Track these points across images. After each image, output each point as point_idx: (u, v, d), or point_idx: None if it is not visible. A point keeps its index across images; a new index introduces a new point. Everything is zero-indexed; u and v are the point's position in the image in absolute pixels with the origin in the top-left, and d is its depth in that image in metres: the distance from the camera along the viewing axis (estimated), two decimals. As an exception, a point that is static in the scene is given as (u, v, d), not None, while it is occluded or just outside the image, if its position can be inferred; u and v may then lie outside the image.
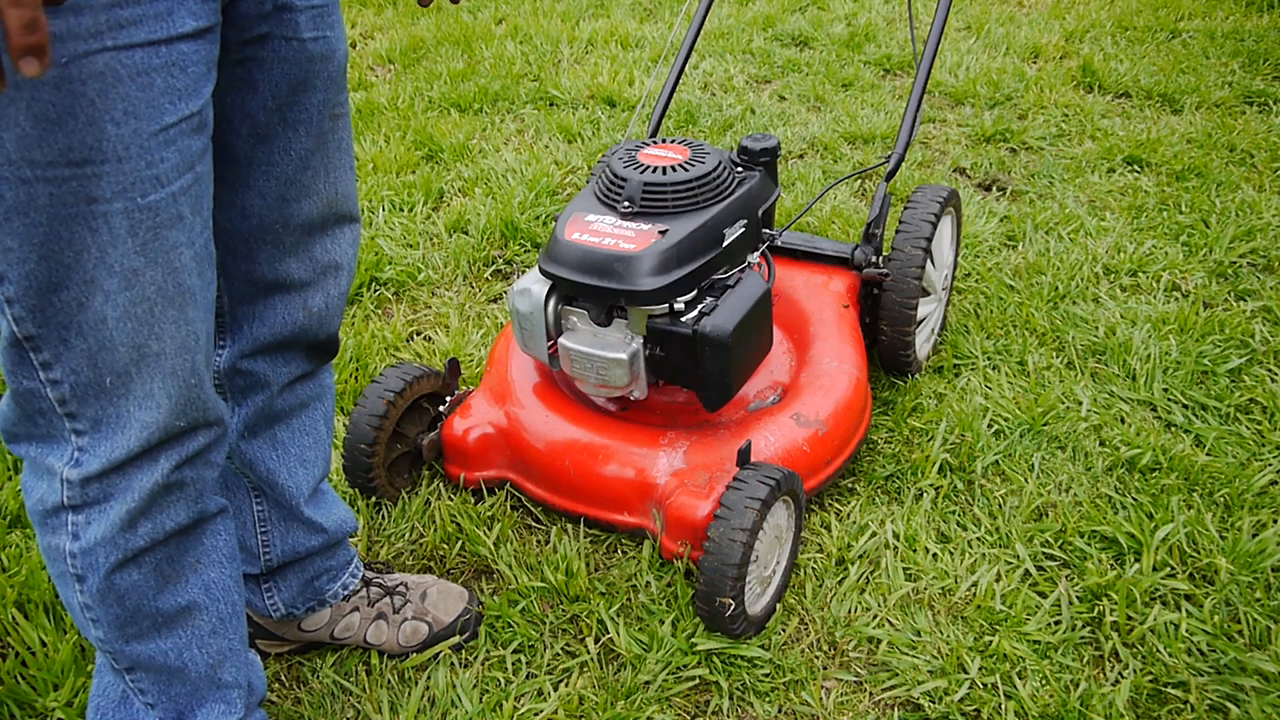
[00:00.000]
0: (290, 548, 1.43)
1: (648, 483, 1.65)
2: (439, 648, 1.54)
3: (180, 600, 1.15)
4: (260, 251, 1.20)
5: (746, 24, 4.54)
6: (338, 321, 1.32)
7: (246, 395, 1.30)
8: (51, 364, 0.98)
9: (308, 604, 1.49)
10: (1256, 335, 2.24)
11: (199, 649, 1.19)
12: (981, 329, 2.31)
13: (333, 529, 1.46)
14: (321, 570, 1.49)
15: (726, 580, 1.44)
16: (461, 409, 1.83)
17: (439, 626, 1.55)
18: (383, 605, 1.56)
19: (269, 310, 1.25)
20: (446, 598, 1.58)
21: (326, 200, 1.22)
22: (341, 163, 1.22)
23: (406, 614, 1.56)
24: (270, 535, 1.41)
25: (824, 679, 1.52)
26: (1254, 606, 1.58)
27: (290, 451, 1.37)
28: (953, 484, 1.86)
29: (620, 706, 1.46)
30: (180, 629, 1.17)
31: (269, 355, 1.28)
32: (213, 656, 1.20)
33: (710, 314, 1.56)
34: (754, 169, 1.77)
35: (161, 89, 0.92)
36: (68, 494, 1.05)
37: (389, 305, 2.51)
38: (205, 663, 1.20)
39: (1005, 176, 3.11)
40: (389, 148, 3.31)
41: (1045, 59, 4.05)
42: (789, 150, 3.33)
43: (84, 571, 1.09)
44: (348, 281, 1.30)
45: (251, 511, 1.40)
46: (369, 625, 1.54)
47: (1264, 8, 4.55)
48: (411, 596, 1.57)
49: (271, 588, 1.46)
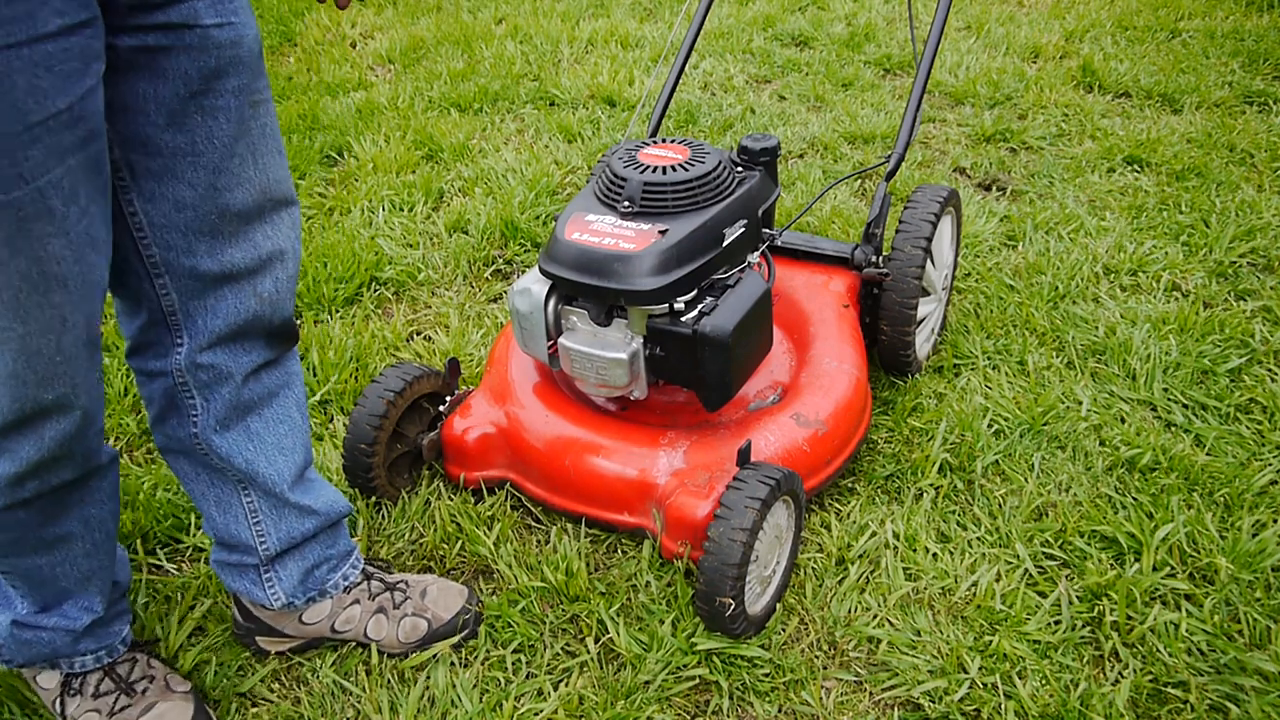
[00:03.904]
0: (286, 534, 1.45)
1: (648, 482, 1.65)
2: (438, 646, 1.55)
3: (60, 530, 1.26)
4: (200, 244, 1.22)
5: (746, 24, 4.54)
6: (290, 305, 1.34)
7: (212, 389, 1.32)
8: None
9: (309, 594, 1.51)
10: (1256, 335, 2.24)
11: (71, 566, 1.31)
12: (981, 329, 2.31)
13: (325, 510, 1.48)
14: (321, 559, 1.51)
15: (726, 580, 1.44)
16: (461, 409, 1.83)
17: (438, 624, 1.56)
18: (383, 600, 1.57)
19: (220, 302, 1.27)
20: (446, 595, 1.59)
21: (260, 187, 1.23)
22: (269, 148, 1.23)
23: (407, 610, 1.57)
24: (263, 524, 1.44)
25: (824, 679, 1.52)
26: (1254, 606, 1.58)
27: (267, 441, 1.39)
28: (953, 484, 1.86)
29: (620, 706, 1.46)
30: (57, 552, 1.28)
31: (227, 346, 1.30)
32: (83, 573, 1.32)
33: (710, 314, 1.56)
34: (754, 169, 1.77)
35: (25, 90, 0.93)
36: None
37: (389, 305, 2.51)
38: (75, 577, 1.32)
39: (1005, 176, 3.11)
40: (389, 148, 3.31)
41: (1045, 59, 4.05)
42: (789, 150, 3.33)
43: None
44: (295, 265, 1.32)
45: (241, 504, 1.42)
46: (369, 619, 1.56)
47: (1264, 8, 4.55)
48: (412, 593, 1.59)
49: (272, 576, 1.48)
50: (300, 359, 1.48)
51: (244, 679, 1.53)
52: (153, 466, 1.94)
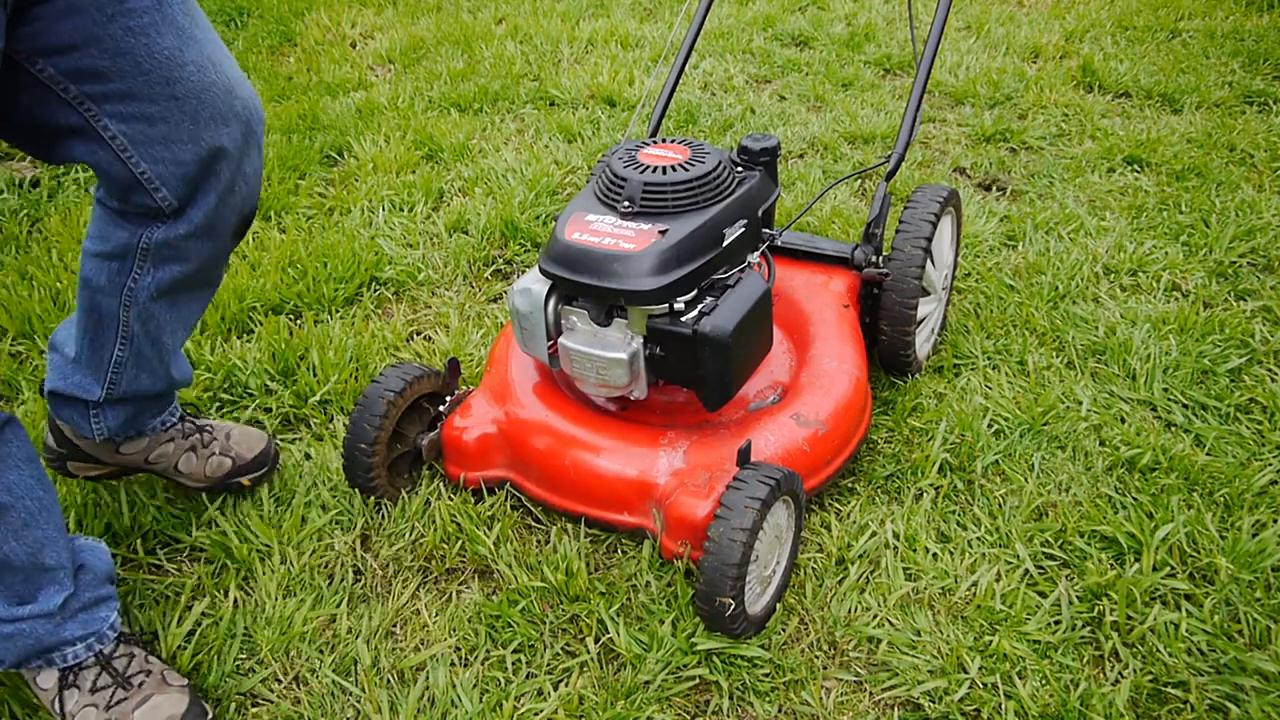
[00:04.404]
0: (133, 389, 1.62)
1: (648, 482, 1.65)
2: (242, 480, 1.79)
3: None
4: (181, 150, 1.38)
5: (746, 24, 4.54)
6: (257, 198, 1.54)
7: (169, 264, 1.50)
8: None
9: (128, 433, 1.69)
10: (1256, 335, 2.24)
11: (16, 541, 1.33)
12: (981, 329, 2.31)
13: (178, 379, 1.68)
14: (147, 409, 1.70)
15: (726, 580, 1.44)
16: (461, 409, 1.83)
17: (241, 462, 1.79)
18: (195, 440, 1.78)
19: (206, 196, 1.45)
20: (249, 438, 1.82)
21: (224, 88, 1.39)
22: (220, 52, 1.41)
23: (214, 449, 1.78)
24: (120, 376, 1.59)
25: (824, 679, 1.52)
26: (1254, 606, 1.58)
27: (180, 315, 1.59)
28: (953, 484, 1.86)
29: (620, 706, 1.46)
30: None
31: (202, 235, 1.49)
32: (30, 546, 1.35)
33: (710, 314, 1.56)
34: (754, 169, 1.77)
35: None
36: None
37: (389, 305, 2.51)
38: (25, 552, 1.35)
39: (1005, 176, 3.11)
40: (389, 148, 3.31)
41: (1045, 59, 4.05)
42: (789, 150, 3.33)
43: None
44: (261, 158, 1.52)
45: (112, 352, 1.57)
46: (180, 455, 1.76)
47: (1264, 8, 4.55)
48: (218, 435, 1.81)
49: (99, 415, 1.63)
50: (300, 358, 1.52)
51: (244, 679, 1.53)
52: (153, 466, 1.94)
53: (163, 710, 1.43)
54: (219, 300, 2.40)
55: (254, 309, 2.43)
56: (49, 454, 1.71)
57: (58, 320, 2.39)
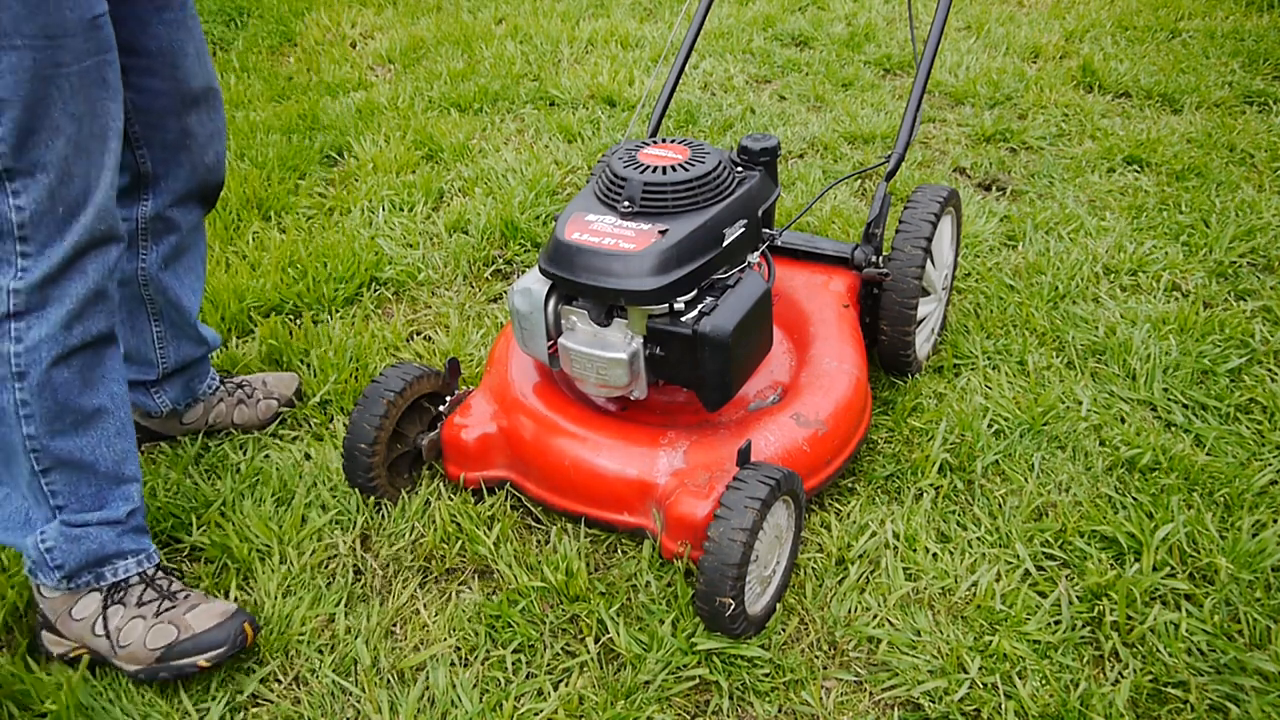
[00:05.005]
0: (179, 358, 1.92)
1: (648, 482, 1.65)
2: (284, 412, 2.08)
3: (95, 402, 1.48)
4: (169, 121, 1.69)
5: (746, 24, 4.54)
6: (224, 171, 1.82)
7: (162, 236, 1.79)
8: (21, 192, 1.34)
9: (185, 400, 1.98)
10: (1256, 335, 2.24)
11: (107, 447, 1.50)
12: (981, 329, 2.31)
13: (211, 342, 1.99)
14: (194, 375, 1.98)
15: (726, 580, 1.44)
16: (461, 409, 1.83)
17: (283, 401, 2.08)
18: (240, 394, 2.06)
19: (179, 168, 1.74)
20: (282, 381, 2.11)
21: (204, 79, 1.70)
22: (205, 50, 1.71)
23: (259, 397, 2.07)
24: (166, 349, 1.89)
25: (824, 679, 1.52)
26: (1254, 606, 1.58)
27: (191, 278, 1.88)
28: (953, 484, 1.86)
29: (620, 706, 1.46)
30: (94, 428, 1.48)
31: (182, 204, 1.78)
32: (118, 454, 1.52)
33: (710, 314, 1.56)
34: (754, 169, 1.77)
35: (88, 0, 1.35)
36: (14, 303, 1.38)
37: (389, 305, 2.51)
38: (111, 459, 1.51)
39: (1005, 176, 3.11)
40: (389, 147, 3.31)
41: (1045, 59, 4.05)
42: (789, 150, 3.33)
43: (26, 368, 1.40)
44: (224, 140, 1.80)
45: (151, 331, 1.86)
46: (233, 410, 2.04)
47: (1264, 8, 4.55)
48: (257, 385, 2.08)
49: (159, 390, 1.94)
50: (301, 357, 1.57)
51: (244, 679, 1.53)
52: (152, 466, 1.94)
53: (216, 608, 1.53)
54: (219, 300, 2.40)
55: (254, 309, 2.43)
56: None
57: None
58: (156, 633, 1.49)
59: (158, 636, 1.49)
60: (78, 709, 1.45)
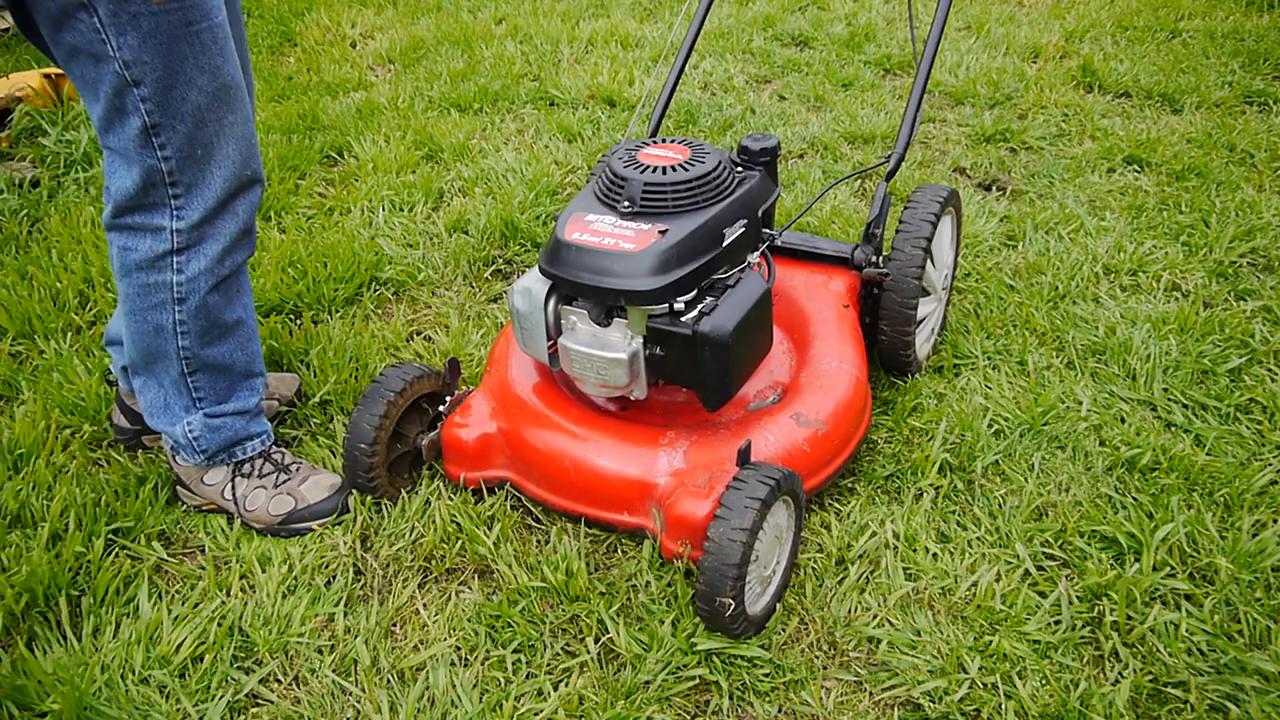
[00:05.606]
0: None
1: (648, 482, 1.65)
2: None
3: (235, 315, 1.73)
4: None
5: (746, 24, 4.55)
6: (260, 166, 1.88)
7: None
8: (166, 144, 1.52)
9: None
10: (1256, 335, 2.24)
11: (241, 352, 1.77)
12: (981, 329, 2.31)
13: None
14: None
15: (726, 580, 1.44)
16: (461, 409, 1.83)
17: (284, 401, 2.11)
18: None
19: None
20: (282, 381, 2.13)
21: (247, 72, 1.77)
22: None
23: None
24: None
25: (824, 679, 1.52)
26: (1254, 606, 1.58)
27: None
28: (953, 484, 1.86)
29: (620, 706, 1.46)
30: (233, 336, 1.74)
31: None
32: (249, 355, 1.79)
33: (710, 314, 1.56)
34: (754, 169, 1.77)
35: None
36: (177, 240, 1.60)
37: (389, 305, 2.51)
38: (244, 361, 1.78)
39: (1005, 176, 3.11)
40: (389, 148, 3.31)
41: (1045, 59, 4.05)
42: (789, 150, 3.33)
43: (186, 295, 1.65)
44: None
45: None
46: None
47: (1264, 8, 4.55)
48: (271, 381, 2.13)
49: None
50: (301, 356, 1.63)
51: (244, 679, 1.53)
52: (152, 466, 1.94)
53: (324, 481, 1.82)
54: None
55: (254, 309, 2.43)
56: (121, 433, 1.99)
57: (58, 320, 2.39)
58: (277, 502, 1.79)
59: (279, 505, 1.79)
60: (78, 709, 1.45)
